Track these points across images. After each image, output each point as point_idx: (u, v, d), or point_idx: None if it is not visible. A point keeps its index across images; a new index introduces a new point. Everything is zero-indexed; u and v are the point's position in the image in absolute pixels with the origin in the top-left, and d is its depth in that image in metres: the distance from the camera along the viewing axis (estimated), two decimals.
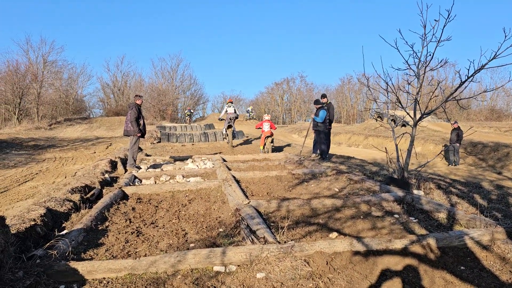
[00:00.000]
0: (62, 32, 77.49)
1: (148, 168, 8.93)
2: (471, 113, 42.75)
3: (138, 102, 8.79)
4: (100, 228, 4.47)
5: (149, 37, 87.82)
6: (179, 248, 3.80)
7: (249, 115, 39.78)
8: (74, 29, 79.59)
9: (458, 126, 15.13)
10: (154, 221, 4.81)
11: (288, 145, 16.74)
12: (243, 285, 2.97)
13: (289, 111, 62.83)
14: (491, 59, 5.51)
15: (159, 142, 17.79)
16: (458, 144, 14.94)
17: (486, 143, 16.07)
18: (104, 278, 3.11)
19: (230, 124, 15.25)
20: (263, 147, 13.59)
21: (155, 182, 7.33)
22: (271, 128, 13.75)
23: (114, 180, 7.56)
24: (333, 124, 11.95)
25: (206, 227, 4.53)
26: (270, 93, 63.31)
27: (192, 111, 42.07)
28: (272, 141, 13.69)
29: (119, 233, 4.24)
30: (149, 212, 5.23)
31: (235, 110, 15.47)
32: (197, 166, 9.23)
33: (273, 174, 7.80)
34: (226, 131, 15.77)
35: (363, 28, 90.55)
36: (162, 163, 9.98)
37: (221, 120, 16.71)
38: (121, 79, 52.20)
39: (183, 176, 7.75)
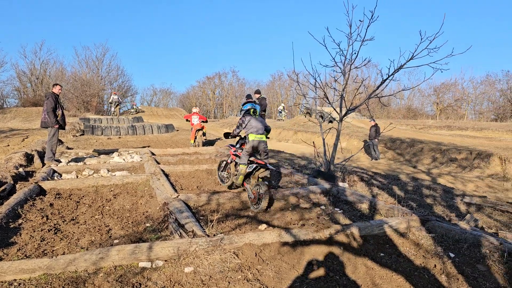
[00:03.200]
0: None
1: (69, 161, 8.35)
2: (391, 111, 45.96)
3: (55, 91, 8.10)
4: (12, 226, 4.07)
5: (71, 22, 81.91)
6: (102, 245, 3.58)
7: (280, 114, 33.54)
8: None
9: (376, 123, 16.12)
10: (74, 218, 4.49)
11: (220, 139, 16.67)
12: (170, 280, 2.87)
13: (220, 106, 62.66)
14: (409, 60, 5.91)
15: (82, 134, 16.79)
16: (376, 140, 15.91)
17: (404, 139, 17.31)
18: (15, 279, 2.83)
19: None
20: (194, 141, 13.39)
21: (77, 177, 6.87)
22: (201, 120, 13.57)
23: (30, 174, 6.95)
24: None
25: (132, 223, 4.34)
26: (201, 87, 62.61)
27: (135, 107, 40.25)
28: (204, 134, 13.53)
29: (34, 231, 3.90)
30: (69, 208, 4.88)
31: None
32: (124, 159, 8.83)
33: (203, 167, 7.69)
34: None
35: (293, 25, 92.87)
36: (85, 156, 9.39)
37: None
38: (39, 67, 48.20)
39: (108, 170, 7.36)
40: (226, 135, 5.95)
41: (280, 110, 34.28)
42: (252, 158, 5.19)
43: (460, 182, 10.59)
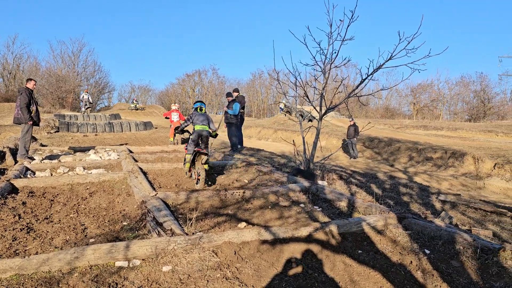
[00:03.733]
0: None
1: (43, 159, 8.14)
2: (369, 110, 46.70)
3: (30, 86, 7.86)
4: None
5: (46, 16, 79.68)
6: (77, 244, 3.50)
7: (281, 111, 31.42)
8: None
9: (354, 122, 16.35)
10: (48, 216, 4.37)
11: None
12: (148, 280, 2.82)
13: None
14: (388, 60, 5.99)
15: (57, 131, 16.41)
16: (355, 139, 16.13)
17: (382, 138, 17.59)
18: None
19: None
20: (173, 138, 13.26)
21: (51, 174, 6.70)
22: (180, 118, 13.47)
23: (1, 172, 6.73)
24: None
25: (108, 221, 4.25)
26: (181, 84, 62.03)
27: (135, 102, 39.49)
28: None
29: (6, 230, 3.77)
30: (43, 207, 4.75)
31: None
32: (100, 157, 8.67)
33: (182, 166, 7.61)
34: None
35: (274, 23, 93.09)
36: (60, 154, 9.17)
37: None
38: (12, 61, 46.67)
39: (84, 168, 7.20)
40: (176, 129, 7.42)
41: (281, 108, 33.31)
42: (196, 149, 6.27)
43: (435, 181, 10.83)
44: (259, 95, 59.90)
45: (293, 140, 8.36)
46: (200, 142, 6.57)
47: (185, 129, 7.18)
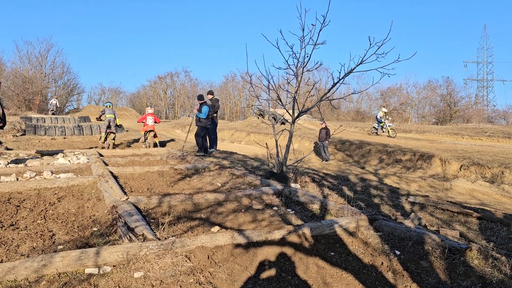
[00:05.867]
0: None
1: (8, 163, 7.83)
2: (341, 114, 47.50)
3: None
4: None
5: (12, 15, 76.90)
6: (45, 251, 3.38)
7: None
8: None
9: (326, 125, 16.59)
10: (14, 223, 4.21)
11: (172, 140, 16.39)
12: (119, 286, 2.76)
13: (172, 106, 61.54)
14: (359, 64, 6.11)
15: (24, 134, 15.86)
16: (327, 142, 16.36)
17: (353, 141, 17.92)
18: None
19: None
20: (145, 141, 13.07)
21: (17, 179, 6.45)
22: (155, 122, 13.31)
23: None
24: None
25: (77, 227, 4.13)
26: (152, 86, 61.07)
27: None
28: (155, 135, 13.24)
29: None
30: (8, 213, 4.57)
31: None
32: (69, 161, 8.42)
33: (154, 169, 7.51)
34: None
35: (247, 26, 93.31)
36: (26, 158, 8.85)
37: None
38: None
39: (52, 172, 6.98)
40: (97, 119, 13.99)
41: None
42: (108, 130, 13.00)
43: (404, 182, 11.12)
44: (232, 98, 59.78)
45: (266, 143, 8.39)
46: (110, 126, 13.25)
47: (101, 118, 13.49)
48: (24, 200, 5.21)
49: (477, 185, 10.55)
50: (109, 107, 13.64)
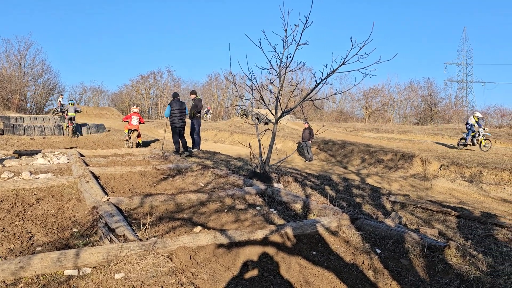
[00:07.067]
0: None
1: None
2: (324, 114, 47.89)
3: None
4: None
5: None
6: (23, 253, 3.31)
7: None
8: None
9: (309, 125, 16.68)
10: None
11: (157, 139, 16.25)
12: None
13: (155, 106, 61.02)
14: (341, 65, 6.16)
15: (2, 134, 15.51)
16: (310, 142, 16.46)
17: (336, 141, 18.07)
18: None
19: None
20: (127, 141, 12.93)
21: None
22: (140, 122, 13.18)
23: None
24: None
25: (57, 228, 4.05)
26: (135, 86, 60.49)
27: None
28: (139, 135, 13.11)
29: None
30: None
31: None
32: (49, 161, 8.26)
33: (136, 169, 7.42)
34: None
35: (230, 26, 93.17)
36: (4, 158, 8.64)
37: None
38: None
39: (31, 173, 6.83)
40: (62, 113, 17.88)
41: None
42: (69, 122, 16.42)
43: (386, 182, 11.27)
44: (215, 98, 59.61)
45: (249, 143, 8.39)
46: (72, 120, 16.06)
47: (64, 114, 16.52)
48: (1, 201, 5.08)
49: (456, 184, 10.77)
50: (72, 104, 16.70)
